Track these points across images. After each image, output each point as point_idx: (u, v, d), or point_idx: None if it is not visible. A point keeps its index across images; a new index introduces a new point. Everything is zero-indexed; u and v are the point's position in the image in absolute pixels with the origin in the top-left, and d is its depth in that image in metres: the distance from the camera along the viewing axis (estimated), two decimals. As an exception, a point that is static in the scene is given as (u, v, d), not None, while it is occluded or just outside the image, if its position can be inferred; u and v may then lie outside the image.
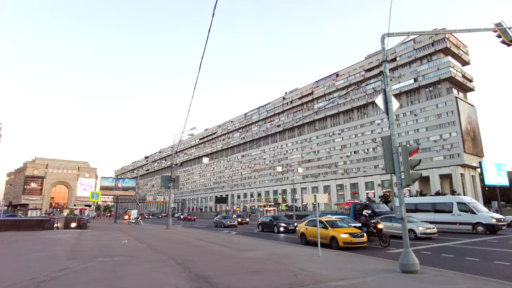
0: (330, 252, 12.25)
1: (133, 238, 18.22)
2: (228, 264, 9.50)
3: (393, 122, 8.68)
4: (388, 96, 8.77)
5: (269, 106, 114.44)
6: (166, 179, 30.64)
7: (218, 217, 36.49)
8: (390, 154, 8.51)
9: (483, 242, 15.17)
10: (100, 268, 8.65)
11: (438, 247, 13.83)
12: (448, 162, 65.07)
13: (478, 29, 10.84)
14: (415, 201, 23.73)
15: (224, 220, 33.80)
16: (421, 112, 71.51)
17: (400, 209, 8.06)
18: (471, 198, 21.81)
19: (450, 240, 16.26)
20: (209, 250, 13.08)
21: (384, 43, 9.11)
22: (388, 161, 8.53)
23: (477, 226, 18.92)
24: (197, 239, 17.89)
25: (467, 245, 14.34)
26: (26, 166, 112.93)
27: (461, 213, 19.83)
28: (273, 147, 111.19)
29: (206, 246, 14.47)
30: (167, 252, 12.34)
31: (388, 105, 8.71)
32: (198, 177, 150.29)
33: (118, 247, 13.77)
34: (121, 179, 51.17)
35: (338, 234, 13.73)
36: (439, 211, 21.18)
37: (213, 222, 37.41)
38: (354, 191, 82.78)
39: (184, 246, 14.53)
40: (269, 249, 13.05)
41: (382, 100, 8.84)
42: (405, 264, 7.85)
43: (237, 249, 13.06)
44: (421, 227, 16.65)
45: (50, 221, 24.90)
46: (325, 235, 14.48)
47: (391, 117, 8.69)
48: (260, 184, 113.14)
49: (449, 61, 67.91)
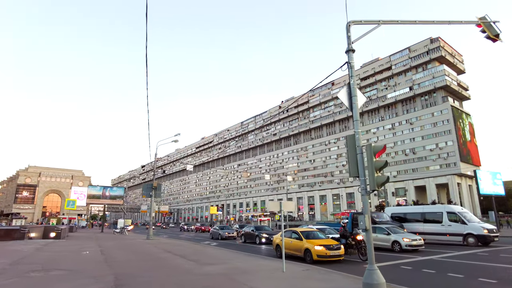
0: (299, 266, 11.03)
1: (99, 249, 16.95)
2: (175, 281, 8.33)
3: (358, 119, 7.63)
4: (352, 89, 7.73)
5: (266, 115, 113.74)
6: (148, 187, 29.41)
7: (215, 228, 32.87)
8: (354, 155, 7.43)
9: (472, 255, 13.95)
10: (21, 285, 7.47)
11: (421, 261, 12.61)
12: (444, 171, 63.87)
13: (460, 21, 9.92)
14: (404, 211, 22.44)
15: (222, 232, 29.73)
16: (416, 120, 70.64)
17: (363, 218, 6.93)
18: (462, 207, 20.53)
19: (438, 252, 15.03)
20: (168, 263, 11.86)
21: (349, 31, 8.13)
22: (352, 163, 7.44)
23: (468, 238, 17.67)
24: (166, 250, 16.62)
25: (455, 258, 13.12)
26: (18, 174, 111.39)
27: (451, 224, 18.59)
28: (269, 156, 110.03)
29: (169, 259, 13.24)
30: (119, 265, 11.15)
31: (353, 99, 7.66)
32: (194, 186, 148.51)
33: (70, 260, 12.55)
34: (109, 187, 49.77)
35: (312, 246, 12.52)
36: (428, 221, 19.92)
37: (209, 233, 34.16)
38: (350, 201, 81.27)
39: (145, 259, 13.29)
40: (234, 263, 11.83)
41: (345, 94, 7.80)
42: (369, 283, 6.68)
43: (200, 263, 11.84)
44: (407, 238, 15.42)
45: (21, 231, 23.59)
46: (299, 247, 13.28)
47: (355, 113, 7.64)
48: (256, 193, 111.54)
49: (444, 70, 67.38)
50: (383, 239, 16.31)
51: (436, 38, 69.64)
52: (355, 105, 7.62)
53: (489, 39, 10.29)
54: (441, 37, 69.65)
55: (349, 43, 8.06)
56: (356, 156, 7.35)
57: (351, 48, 8.02)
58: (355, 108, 7.61)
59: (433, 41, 69.80)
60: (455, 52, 73.08)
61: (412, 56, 73.02)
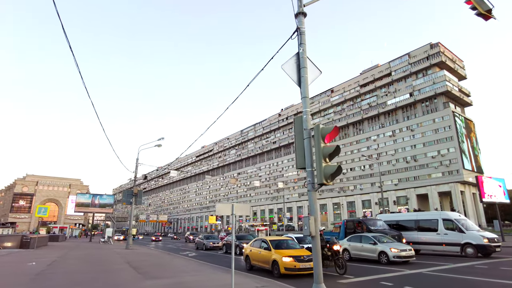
0: (258, 282, 9.30)
1: (54, 260, 15.35)
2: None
3: (307, 95, 6.07)
4: (301, 60, 6.20)
5: (265, 123, 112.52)
6: (128, 194, 27.83)
7: (200, 237, 30.78)
8: (301, 140, 5.85)
9: (469, 269, 12.11)
10: None
11: (407, 276, 10.82)
12: (447, 179, 61.58)
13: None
14: (396, 218, 20.48)
15: (206, 241, 27.84)
16: (417, 127, 68.72)
17: (308, 222, 5.30)
18: (460, 214, 18.59)
19: (430, 265, 13.19)
20: (109, 276, 10.29)
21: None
22: (299, 150, 5.86)
23: (466, 248, 15.76)
24: (127, 261, 14.95)
25: (448, 272, 11.29)
26: (16, 183, 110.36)
27: (448, 232, 16.70)
28: (268, 164, 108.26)
29: (116, 271, 11.65)
30: (46, 279, 9.55)
31: (301, 71, 6.11)
32: (194, 195, 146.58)
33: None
34: (99, 195, 48.22)
35: (280, 258, 10.79)
36: (423, 230, 18.02)
37: (194, 243, 32.05)
38: (350, 210, 78.93)
39: (90, 270, 11.69)
40: (184, 277, 10.15)
41: (293, 65, 6.25)
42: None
43: (146, 277, 10.20)
44: (395, 249, 13.59)
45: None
46: (267, 259, 11.56)
47: (303, 88, 6.09)
48: (256, 202, 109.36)
49: (444, 75, 65.76)
50: (369, 249, 14.50)
51: (436, 44, 68.29)
52: (304, 78, 6.07)
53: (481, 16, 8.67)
54: (441, 43, 68.29)
55: (300, 5, 6.56)
56: (303, 142, 5.77)
57: (302, 11, 6.52)
58: (303, 82, 6.06)
59: (433, 47, 68.44)
60: (456, 58, 71.58)
61: (412, 62, 71.61)
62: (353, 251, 15.48)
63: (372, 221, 19.76)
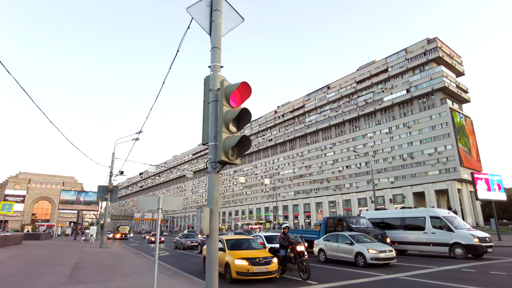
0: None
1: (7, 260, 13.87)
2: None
3: (218, 45, 4.54)
4: (214, 1, 4.66)
5: (261, 120, 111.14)
6: (103, 190, 26.26)
7: (179, 236, 29.35)
8: (207, 105, 4.32)
9: (454, 273, 10.60)
10: None
11: (382, 282, 9.31)
12: (444, 176, 60.05)
13: None
14: (382, 216, 18.92)
15: (184, 240, 26.74)
16: (414, 124, 67.15)
17: (199, 214, 3.79)
18: (448, 211, 17.05)
19: (412, 268, 11.68)
20: (32, 280, 8.74)
21: None
22: (206, 119, 4.33)
23: (454, 248, 14.24)
24: (77, 261, 13.46)
25: (429, 277, 9.76)
26: (8, 181, 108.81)
27: (435, 231, 15.17)
28: (265, 162, 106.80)
29: (53, 273, 10.28)
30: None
31: (213, 15, 4.58)
32: (191, 193, 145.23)
33: None
34: (84, 192, 46.78)
35: (232, 260, 9.30)
36: (409, 228, 16.51)
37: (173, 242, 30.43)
38: (346, 208, 77.39)
39: (23, 273, 10.17)
40: (117, 281, 8.71)
41: (204, 8, 4.71)
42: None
43: (76, 281, 8.73)
44: (373, 250, 12.06)
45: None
46: (220, 261, 10.01)
47: (214, 36, 4.54)
48: (252, 200, 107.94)
49: (442, 71, 64.13)
50: (345, 250, 12.98)
51: (434, 39, 66.70)
52: (216, 24, 4.54)
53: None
54: (439, 38, 66.66)
55: None
56: (208, 108, 4.25)
57: None
58: (214, 27, 4.53)
59: (430, 42, 66.85)
60: (454, 54, 69.94)
61: (409, 57, 70.01)
62: (329, 251, 13.97)
63: (354, 218, 18.20)
